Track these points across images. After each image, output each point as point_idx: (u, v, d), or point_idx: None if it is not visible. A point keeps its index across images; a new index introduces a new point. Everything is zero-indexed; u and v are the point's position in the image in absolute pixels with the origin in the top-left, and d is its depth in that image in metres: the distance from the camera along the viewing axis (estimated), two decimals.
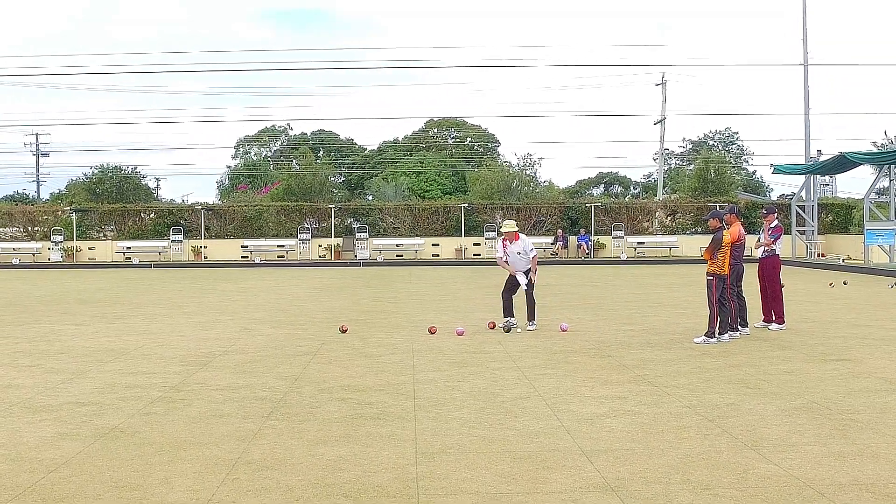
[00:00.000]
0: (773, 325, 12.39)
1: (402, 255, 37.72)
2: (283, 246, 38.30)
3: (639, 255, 36.90)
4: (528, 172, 46.90)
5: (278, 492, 4.97)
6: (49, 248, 38.01)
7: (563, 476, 5.24)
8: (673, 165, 74.11)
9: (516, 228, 12.89)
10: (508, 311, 12.59)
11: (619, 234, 37.77)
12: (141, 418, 6.83)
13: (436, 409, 7.09)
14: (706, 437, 6.15)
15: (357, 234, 37.61)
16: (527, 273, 12.58)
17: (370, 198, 57.71)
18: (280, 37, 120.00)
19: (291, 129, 77.60)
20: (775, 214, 13.07)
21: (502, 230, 13.07)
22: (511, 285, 12.73)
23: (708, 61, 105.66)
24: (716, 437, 6.14)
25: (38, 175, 68.10)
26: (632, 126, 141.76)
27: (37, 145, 67.59)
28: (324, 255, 38.12)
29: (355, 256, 37.04)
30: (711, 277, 11.03)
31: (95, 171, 44.73)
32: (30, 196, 65.02)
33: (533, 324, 12.53)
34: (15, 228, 40.89)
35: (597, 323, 13.20)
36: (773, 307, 12.56)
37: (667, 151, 60.97)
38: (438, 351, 10.34)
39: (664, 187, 57.37)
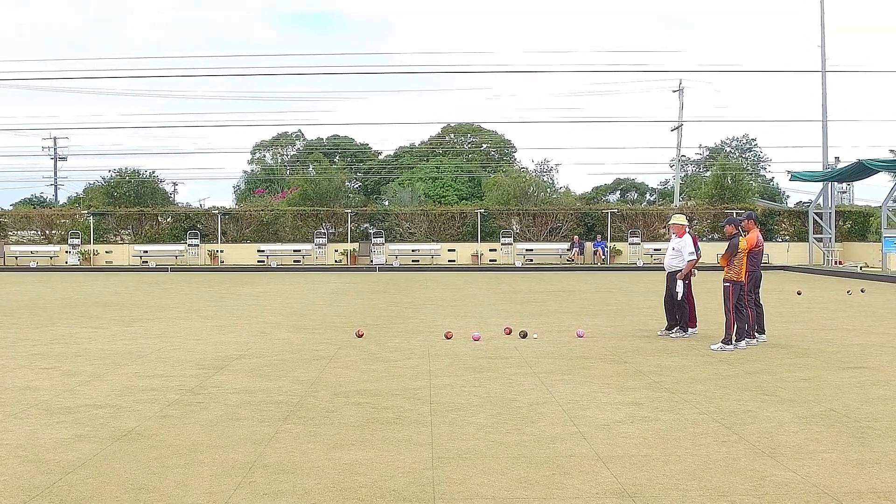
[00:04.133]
0: (676, 332, 12.31)
1: (418, 261, 37.74)
2: (299, 250, 38.39)
3: (655, 261, 36.75)
4: (544, 178, 46.82)
5: (294, 495, 4.98)
6: (66, 252, 38.23)
7: (580, 482, 5.23)
8: (690, 172, 73.84)
9: (684, 222, 12.19)
10: (669, 319, 12.30)
11: (635, 240, 37.68)
12: (157, 421, 6.86)
13: (452, 414, 7.09)
14: (723, 443, 6.12)
15: (373, 239, 37.67)
16: (675, 275, 11.89)
17: (386, 203, 57.80)
18: (296, 41, 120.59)
19: (303, 135, 77.97)
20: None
21: (670, 221, 12.39)
22: (668, 294, 12.22)
23: (725, 67, 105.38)
24: (733, 443, 6.11)
25: (55, 178, 68.74)
26: (648, 132, 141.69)
27: (55, 149, 68.20)
28: (340, 260, 38.20)
29: (371, 261, 37.09)
30: (728, 284, 10.99)
31: (113, 175, 44.96)
32: (47, 199, 65.44)
33: (677, 332, 12.11)
34: (33, 232, 41.15)
35: (613, 329, 13.17)
36: (679, 314, 12.48)
37: (683, 158, 60.74)
38: (454, 356, 10.34)
39: (681, 194, 57.15)
